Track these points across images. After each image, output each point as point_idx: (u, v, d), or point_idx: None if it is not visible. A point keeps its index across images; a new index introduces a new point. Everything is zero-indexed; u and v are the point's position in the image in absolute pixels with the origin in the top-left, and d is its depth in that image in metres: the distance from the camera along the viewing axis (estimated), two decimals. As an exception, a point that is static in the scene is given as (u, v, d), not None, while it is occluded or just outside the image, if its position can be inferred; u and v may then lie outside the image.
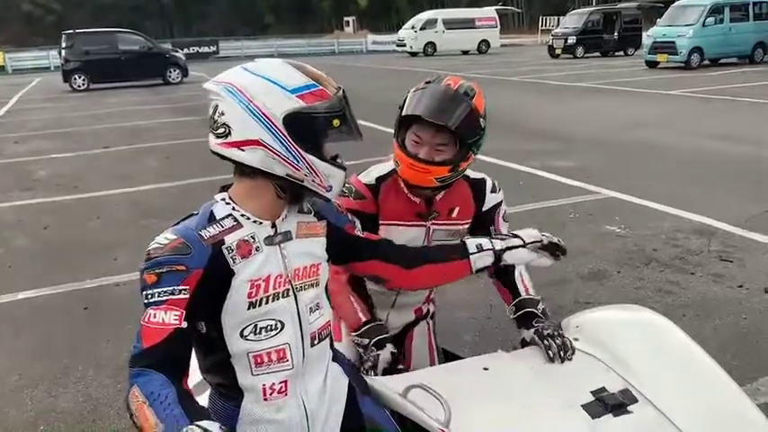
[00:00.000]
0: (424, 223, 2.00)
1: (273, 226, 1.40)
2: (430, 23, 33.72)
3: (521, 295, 2.00)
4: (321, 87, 1.32)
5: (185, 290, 1.26)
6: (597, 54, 27.74)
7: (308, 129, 1.30)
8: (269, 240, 1.38)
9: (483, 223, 2.09)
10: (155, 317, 1.25)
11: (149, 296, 1.26)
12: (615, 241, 5.12)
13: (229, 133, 1.29)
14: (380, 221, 1.97)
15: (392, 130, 1.94)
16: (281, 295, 1.38)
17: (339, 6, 61.55)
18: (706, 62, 20.40)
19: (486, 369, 1.75)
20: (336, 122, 1.32)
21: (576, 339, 1.82)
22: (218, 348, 1.38)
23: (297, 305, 1.41)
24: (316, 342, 1.46)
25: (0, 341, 3.88)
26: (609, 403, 1.55)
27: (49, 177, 8.30)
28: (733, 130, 9.52)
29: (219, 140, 1.31)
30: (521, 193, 6.50)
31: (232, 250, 1.33)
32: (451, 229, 2.04)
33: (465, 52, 34.27)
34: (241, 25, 56.94)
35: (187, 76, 21.64)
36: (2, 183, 8.06)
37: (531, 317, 1.93)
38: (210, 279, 1.29)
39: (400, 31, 36.30)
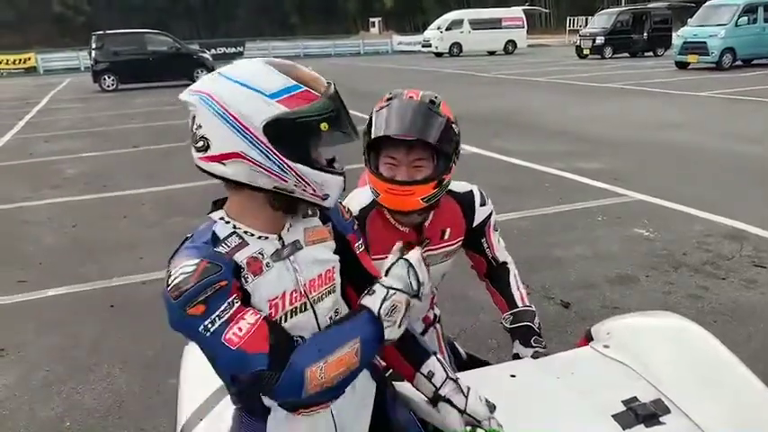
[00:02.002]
0: None
1: (280, 239, 1.30)
2: (456, 24, 33.62)
3: (517, 306, 1.99)
4: (305, 89, 1.18)
5: (237, 299, 1.18)
6: (626, 55, 27.43)
7: (292, 136, 1.17)
8: (276, 255, 1.28)
9: (475, 238, 2.02)
10: (240, 330, 1.16)
11: (209, 326, 1.15)
12: (643, 245, 5.04)
13: (209, 146, 1.19)
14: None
15: None
16: (298, 310, 1.30)
17: (364, 7, 61.71)
18: (738, 63, 20.04)
19: (513, 376, 1.71)
20: (325, 126, 1.18)
21: (606, 347, 1.78)
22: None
23: (316, 318, 1.33)
24: None
25: (29, 337, 3.94)
26: (640, 413, 1.50)
27: (78, 176, 8.43)
28: (765, 133, 9.33)
29: (200, 155, 1.21)
30: (547, 196, 6.45)
31: (243, 268, 1.23)
32: (445, 251, 1.96)
33: (491, 53, 34.12)
34: (268, 26, 57.33)
35: (214, 76, 21.82)
36: (32, 181, 8.20)
37: (530, 334, 1.93)
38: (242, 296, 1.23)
39: (426, 31, 36.25)
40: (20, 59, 34.46)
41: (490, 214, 2.01)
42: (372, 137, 1.72)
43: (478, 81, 19.69)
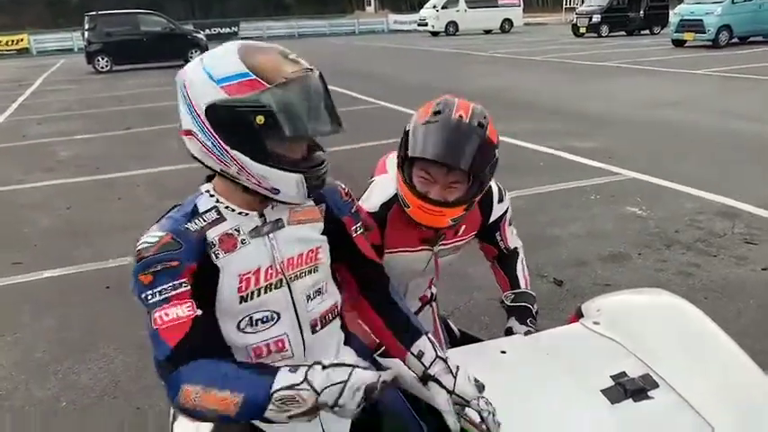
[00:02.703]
0: (430, 248, 1.89)
1: (262, 215, 1.33)
2: (452, 2, 33.24)
3: (520, 287, 2.03)
4: (253, 78, 1.17)
5: (185, 282, 1.23)
6: (622, 33, 27.23)
7: (229, 123, 1.19)
8: (255, 232, 1.31)
9: (489, 232, 2.02)
10: (167, 315, 1.20)
11: (150, 297, 1.21)
12: (636, 223, 5.06)
13: (181, 122, 1.26)
14: (385, 250, 1.82)
15: (412, 112, 1.81)
16: (273, 286, 1.33)
17: (360, -14, 60.97)
18: (734, 40, 19.93)
19: (503, 352, 1.73)
20: (260, 119, 1.16)
21: (596, 323, 1.79)
22: (217, 342, 1.34)
23: (291, 295, 1.36)
24: (318, 328, 1.41)
25: (24, 319, 3.95)
26: (629, 388, 1.52)
27: (72, 158, 8.40)
28: (760, 111, 9.31)
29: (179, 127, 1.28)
30: (541, 175, 6.45)
31: (214, 245, 1.27)
32: (456, 245, 1.96)
33: (487, 31, 33.85)
34: (263, 6, 56.63)
35: (208, 57, 21.66)
36: (26, 164, 8.17)
37: (527, 313, 1.96)
38: (201, 273, 1.26)
39: (422, 10, 35.90)
40: (12, 41, 34.07)
41: (507, 210, 2.01)
42: (415, 154, 1.65)
43: (474, 60, 19.58)
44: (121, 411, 3.00)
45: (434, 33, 33.17)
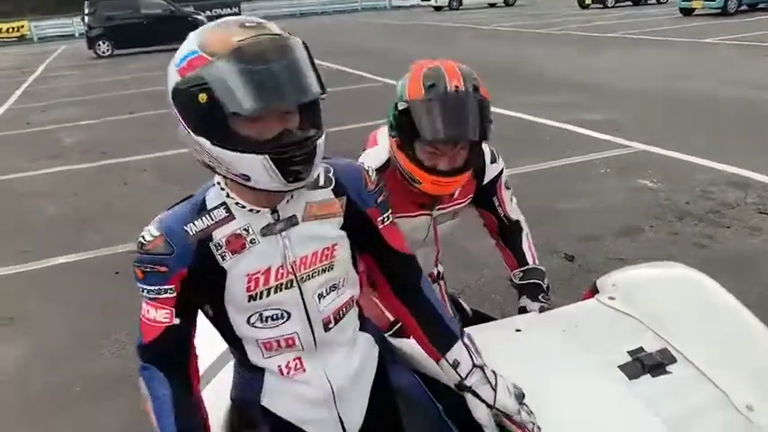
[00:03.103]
0: (428, 212, 1.88)
1: (274, 212, 1.24)
2: (455, -25, 32.94)
3: (528, 264, 2.01)
4: (199, 54, 1.09)
5: (171, 289, 1.22)
6: (629, 3, 26.93)
7: (185, 107, 1.12)
8: (267, 230, 1.23)
9: (486, 196, 1.99)
10: (148, 312, 1.25)
11: (141, 290, 1.25)
12: (647, 195, 5.01)
13: None
14: None
15: None
16: (283, 287, 1.26)
17: (361, -38, 60.30)
18: (744, 8, 19.63)
19: (518, 330, 1.70)
20: (203, 98, 1.07)
21: (612, 298, 1.76)
22: (227, 330, 1.32)
23: (302, 296, 1.29)
24: (332, 326, 1.34)
25: (36, 306, 3.97)
26: (647, 363, 1.49)
27: (77, 144, 8.41)
28: (771, 78, 9.19)
29: None
30: (548, 149, 6.40)
31: (221, 246, 1.21)
32: (454, 209, 1.94)
33: (492, 5, 33.51)
34: (262, -15, 56.22)
35: (210, 38, 21.56)
36: (31, 151, 8.18)
37: (538, 290, 1.94)
38: (199, 276, 1.22)
39: (425, -16, 35.58)
40: (13, 28, 34.00)
41: (501, 171, 1.98)
42: (427, 136, 1.63)
43: (479, 34, 19.39)
44: (134, 397, 3.00)
45: (438, 8, 32.85)
